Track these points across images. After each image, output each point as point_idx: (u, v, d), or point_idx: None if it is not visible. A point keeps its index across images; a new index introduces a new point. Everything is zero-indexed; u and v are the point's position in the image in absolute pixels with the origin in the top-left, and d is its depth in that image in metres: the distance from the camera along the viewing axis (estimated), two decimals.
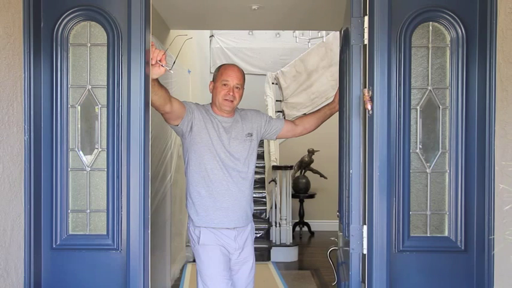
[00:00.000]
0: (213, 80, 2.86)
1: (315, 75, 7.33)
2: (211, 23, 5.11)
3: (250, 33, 8.50)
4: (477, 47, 2.23)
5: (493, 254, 2.17)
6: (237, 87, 2.77)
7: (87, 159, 2.30)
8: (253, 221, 2.94)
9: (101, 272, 2.28)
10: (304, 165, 7.20)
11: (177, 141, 4.78)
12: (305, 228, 7.34)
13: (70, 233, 2.29)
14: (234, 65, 2.88)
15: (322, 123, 3.07)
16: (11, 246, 2.10)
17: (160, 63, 2.30)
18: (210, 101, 2.87)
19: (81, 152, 2.30)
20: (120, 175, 2.26)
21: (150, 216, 2.30)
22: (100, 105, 2.29)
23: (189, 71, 5.36)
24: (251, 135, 2.85)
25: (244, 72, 2.89)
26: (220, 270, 2.72)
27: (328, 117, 3.06)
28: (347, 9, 2.52)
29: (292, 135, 3.10)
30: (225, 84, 2.75)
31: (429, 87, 2.27)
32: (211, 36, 8.54)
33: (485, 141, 2.21)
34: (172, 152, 4.69)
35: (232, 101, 2.76)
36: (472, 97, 2.24)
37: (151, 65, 2.29)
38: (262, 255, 5.69)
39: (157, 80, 2.39)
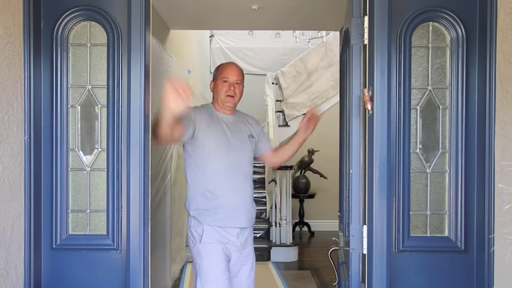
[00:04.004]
0: (213, 80, 2.88)
1: (315, 75, 7.32)
2: (211, 23, 5.11)
3: (250, 33, 8.49)
4: (477, 47, 2.23)
5: (493, 252, 2.17)
6: (237, 83, 2.80)
7: (87, 159, 2.30)
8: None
9: (101, 272, 2.28)
10: (304, 165, 7.19)
11: None
12: (305, 228, 7.34)
13: (70, 233, 2.30)
14: (232, 63, 2.93)
15: (297, 150, 3.02)
16: (11, 246, 2.10)
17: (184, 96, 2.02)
18: (211, 101, 2.89)
19: (81, 152, 2.30)
20: (120, 175, 2.26)
21: (150, 216, 2.30)
22: (100, 105, 2.29)
23: (189, 71, 5.36)
24: (252, 137, 2.88)
25: (244, 72, 2.92)
26: (221, 269, 2.71)
27: (302, 143, 2.98)
28: (347, 9, 2.52)
29: (269, 162, 3.21)
30: (225, 81, 2.79)
31: (429, 87, 2.27)
32: (211, 36, 8.53)
33: (485, 141, 2.21)
34: (172, 152, 4.69)
35: (233, 97, 2.78)
36: (472, 97, 2.24)
37: (176, 94, 2.02)
38: (262, 255, 5.68)
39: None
